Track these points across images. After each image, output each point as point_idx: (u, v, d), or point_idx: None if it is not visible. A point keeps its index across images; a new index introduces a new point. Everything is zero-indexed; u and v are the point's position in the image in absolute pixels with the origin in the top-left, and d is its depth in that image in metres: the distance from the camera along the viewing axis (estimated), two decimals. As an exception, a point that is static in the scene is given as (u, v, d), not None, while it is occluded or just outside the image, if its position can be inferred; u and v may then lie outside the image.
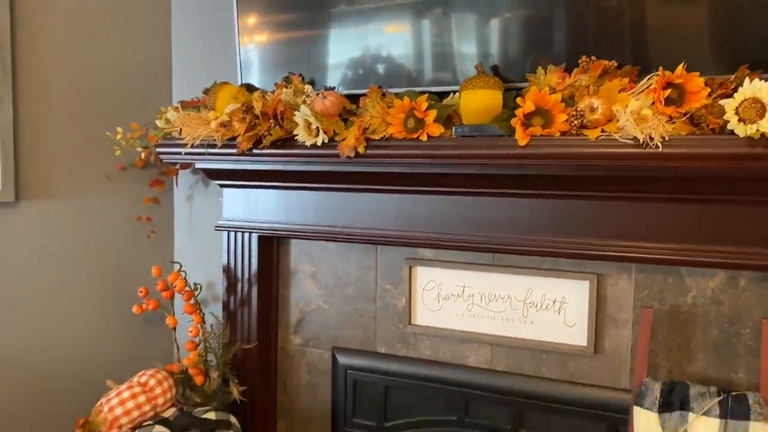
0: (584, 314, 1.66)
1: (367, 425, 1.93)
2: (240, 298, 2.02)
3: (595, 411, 1.65)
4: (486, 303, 1.77)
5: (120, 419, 1.81)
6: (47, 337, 2.10)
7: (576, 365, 1.68)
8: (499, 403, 1.76)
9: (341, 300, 1.96)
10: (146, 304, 2.02)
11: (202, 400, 1.95)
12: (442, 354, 1.84)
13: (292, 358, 2.05)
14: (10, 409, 2.08)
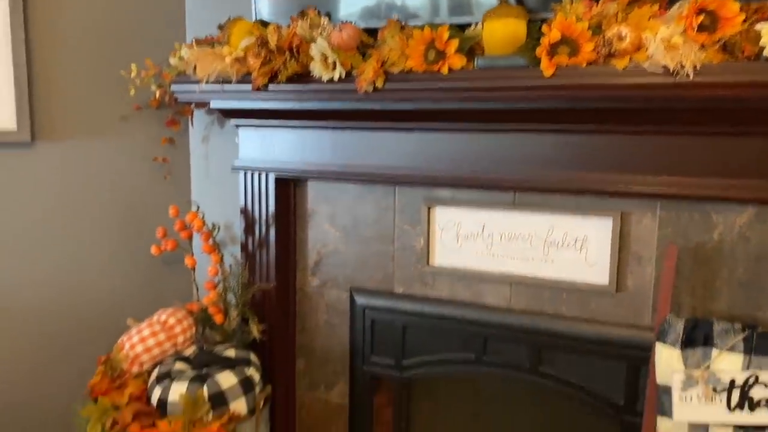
0: (606, 252, 1.63)
1: (385, 363, 1.94)
2: (258, 239, 2.01)
3: (615, 349, 1.64)
4: (506, 242, 1.75)
5: (141, 356, 1.84)
6: (67, 279, 2.12)
7: (597, 304, 1.67)
8: (517, 342, 1.76)
9: (359, 241, 1.95)
10: (164, 245, 2.02)
11: (221, 338, 1.97)
12: (460, 294, 1.83)
13: (310, 298, 2.05)
14: (33, 350, 2.12)
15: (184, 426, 1.65)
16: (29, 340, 2.11)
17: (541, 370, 1.74)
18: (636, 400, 1.64)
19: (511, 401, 1.97)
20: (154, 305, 2.03)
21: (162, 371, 1.79)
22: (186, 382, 1.72)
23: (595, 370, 1.68)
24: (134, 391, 1.78)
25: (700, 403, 1.43)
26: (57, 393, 2.13)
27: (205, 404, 1.69)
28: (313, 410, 2.09)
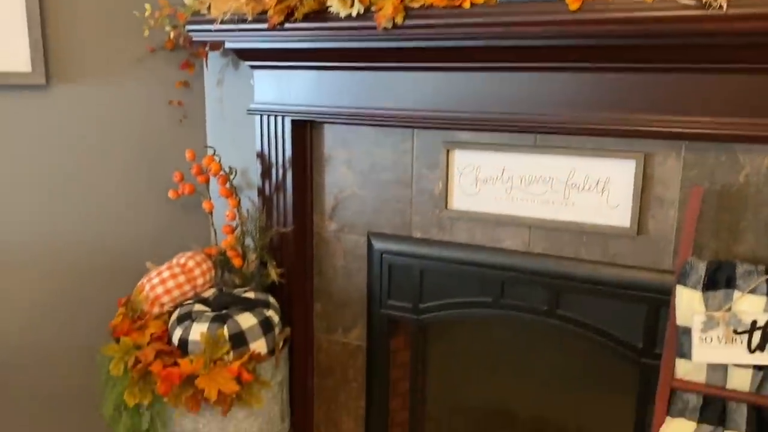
0: (628, 195, 1.61)
1: (402, 306, 1.95)
2: (275, 183, 2.01)
3: (635, 292, 1.63)
4: (526, 185, 1.73)
5: (161, 298, 1.86)
6: (84, 223, 2.14)
7: (617, 247, 1.65)
8: (535, 286, 1.75)
9: (376, 186, 1.93)
10: (182, 189, 2.02)
11: (240, 281, 1.99)
12: (478, 238, 1.82)
13: (327, 243, 2.06)
14: (54, 293, 2.15)
15: (206, 364, 1.67)
16: (50, 283, 2.14)
17: (559, 313, 1.74)
18: (655, 343, 1.64)
19: (528, 345, 1.98)
20: (173, 249, 2.04)
21: (182, 312, 1.81)
22: (206, 322, 1.74)
23: (613, 314, 1.68)
24: (155, 332, 1.80)
25: (721, 345, 1.43)
26: (78, 334, 2.17)
27: (226, 344, 1.71)
28: (331, 352, 2.11)
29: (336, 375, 2.12)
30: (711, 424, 1.48)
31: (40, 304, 2.14)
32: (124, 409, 1.77)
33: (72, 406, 2.21)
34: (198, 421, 1.76)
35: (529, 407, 2.02)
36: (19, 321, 2.13)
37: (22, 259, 2.10)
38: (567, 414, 1.96)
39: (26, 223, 2.09)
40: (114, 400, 1.77)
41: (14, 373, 2.15)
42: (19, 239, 2.09)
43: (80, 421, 2.22)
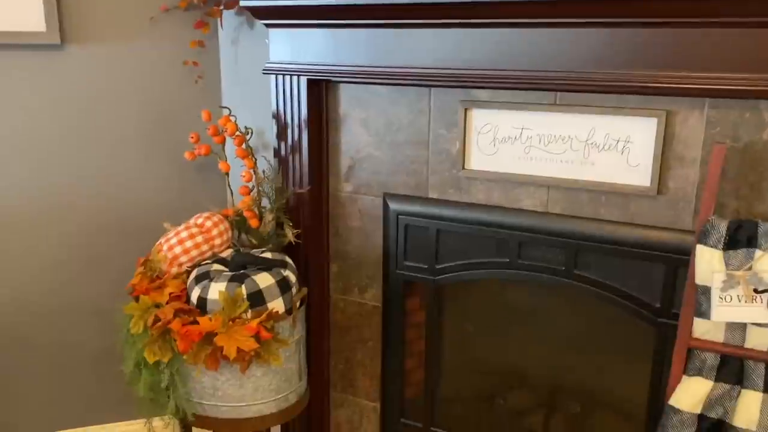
0: (650, 153, 1.59)
1: (418, 267, 1.96)
2: (290, 144, 2.00)
3: (654, 252, 1.63)
4: (545, 145, 1.71)
5: (179, 258, 1.87)
6: (100, 183, 2.15)
7: (637, 206, 1.64)
8: (553, 246, 1.75)
9: (393, 146, 1.92)
10: (197, 150, 2.02)
11: (257, 242, 2.00)
12: (495, 198, 1.81)
13: (343, 204, 2.05)
14: (72, 252, 2.17)
15: (224, 323, 1.69)
16: (68, 243, 2.16)
17: (577, 274, 1.73)
18: (672, 303, 1.64)
19: (544, 306, 1.98)
20: (189, 211, 2.05)
21: (200, 272, 1.83)
22: (225, 282, 1.75)
23: (631, 274, 1.68)
24: (174, 291, 1.82)
25: (740, 304, 1.42)
26: (97, 293, 2.20)
27: (244, 303, 1.72)
28: (347, 312, 2.13)
29: (352, 335, 2.14)
30: (728, 383, 1.48)
31: (59, 264, 2.16)
32: (144, 367, 1.80)
33: (92, 364, 2.26)
34: (217, 378, 1.78)
35: (544, 368, 2.03)
36: (39, 280, 2.16)
37: (39, 219, 2.12)
38: (582, 374, 1.97)
39: (43, 184, 2.10)
40: (134, 358, 1.80)
41: (35, 332, 2.19)
42: (37, 200, 2.10)
43: (100, 378, 2.26)
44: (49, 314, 2.19)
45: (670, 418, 1.51)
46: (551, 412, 2.03)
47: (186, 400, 1.82)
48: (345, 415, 2.22)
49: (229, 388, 1.79)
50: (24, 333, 2.18)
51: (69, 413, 2.28)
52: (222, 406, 1.81)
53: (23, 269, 2.14)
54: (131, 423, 2.33)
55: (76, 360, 2.25)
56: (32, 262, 2.14)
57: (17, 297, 2.15)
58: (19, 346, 2.18)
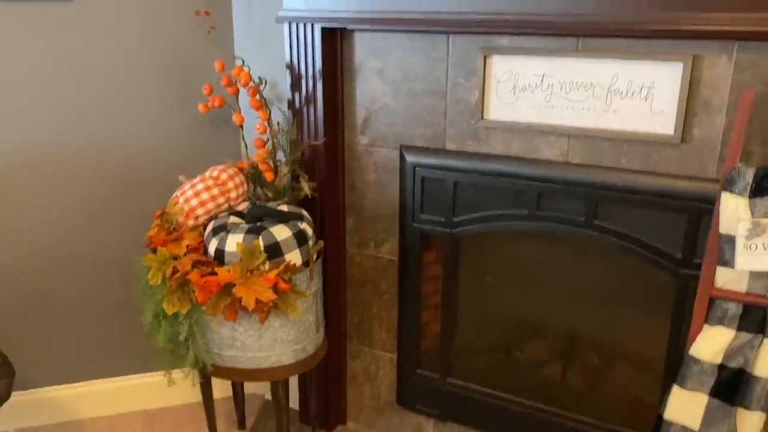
0: (674, 100, 1.55)
1: (435, 220, 1.94)
2: (305, 95, 1.97)
3: (676, 202, 1.60)
4: (566, 93, 1.67)
5: (196, 210, 1.86)
6: (113, 136, 2.13)
7: (660, 155, 1.61)
8: (573, 197, 1.72)
9: (410, 97, 1.89)
10: (211, 102, 1.99)
11: (273, 195, 1.98)
12: (515, 149, 1.78)
13: (359, 157, 2.03)
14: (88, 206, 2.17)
15: (242, 274, 1.69)
16: (83, 195, 2.16)
17: (597, 224, 1.71)
18: (694, 253, 1.62)
19: (561, 258, 1.97)
20: (203, 163, 2.03)
21: (217, 224, 1.82)
22: (242, 234, 1.75)
23: (652, 224, 1.65)
24: (191, 243, 1.82)
25: (765, 252, 1.40)
26: (113, 246, 2.21)
27: (262, 254, 1.72)
28: (363, 266, 2.13)
29: (368, 288, 2.14)
30: (750, 332, 1.46)
31: (75, 215, 2.17)
32: (163, 318, 1.81)
33: (110, 316, 2.28)
34: (236, 329, 1.80)
35: (561, 320, 2.03)
36: (56, 231, 2.16)
37: (54, 172, 2.11)
38: (600, 326, 1.97)
39: (56, 138, 2.08)
40: (153, 309, 1.81)
41: (53, 284, 2.21)
42: (51, 154, 2.09)
43: (119, 330, 2.29)
44: (65, 267, 2.20)
45: (690, 367, 1.51)
46: (569, 363, 2.03)
47: (205, 351, 1.84)
48: (361, 366, 2.24)
49: (248, 339, 1.81)
50: (42, 285, 2.20)
51: (89, 365, 2.32)
52: (241, 357, 1.83)
53: (41, 222, 2.15)
54: (150, 375, 2.36)
55: (94, 312, 2.27)
56: (49, 214, 2.15)
57: (34, 249, 2.16)
58: (37, 299, 2.20)
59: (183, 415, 2.39)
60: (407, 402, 2.17)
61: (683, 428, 1.53)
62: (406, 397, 2.17)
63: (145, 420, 2.36)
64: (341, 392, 2.29)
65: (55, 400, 2.31)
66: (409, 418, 2.20)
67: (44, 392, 2.30)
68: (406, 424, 2.21)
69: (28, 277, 2.18)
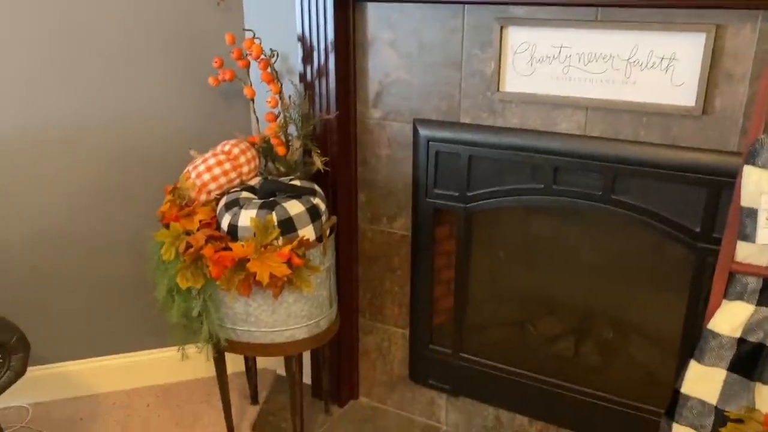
0: (696, 71, 1.52)
1: (448, 195, 1.92)
2: (317, 68, 1.94)
3: (696, 175, 1.58)
4: (584, 64, 1.64)
5: (208, 185, 1.84)
6: (123, 111, 2.11)
7: (680, 128, 1.58)
8: (590, 170, 1.70)
9: (423, 69, 1.85)
10: (222, 75, 1.96)
11: (285, 170, 1.97)
12: (531, 122, 1.75)
13: (371, 131, 2.01)
14: (98, 181, 2.16)
15: (256, 249, 1.68)
16: (94, 171, 2.14)
17: (614, 199, 1.69)
18: (713, 228, 1.60)
19: (577, 232, 1.96)
20: (213, 138, 2.01)
21: (230, 199, 1.81)
22: (255, 209, 1.73)
23: (671, 198, 1.63)
24: (203, 218, 1.80)
25: (788, 226, 1.38)
26: (124, 222, 2.20)
27: (275, 229, 1.71)
28: (375, 242, 2.12)
29: (380, 264, 2.13)
30: (770, 306, 1.46)
31: (85, 191, 2.15)
32: (176, 293, 1.81)
33: (123, 292, 2.28)
34: (249, 304, 1.79)
35: (575, 295, 2.02)
36: (66, 208, 2.15)
37: (63, 148, 2.09)
38: (615, 301, 1.96)
39: (63, 114, 2.06)
40: (166, 285, 1.81)
41: (65, 260, 2.20)
42: (60, 129, 2.07)
43: (131, 305, 2.29)
44: (77, 244, 2.19)
45: (709, 342, 1.50)
46: (582, 338, 2.03)
47: (219, 326, 1.84)
48: (374, 341, 2.24)
49: (262, 314, 1.80)
50: (55, 262, 2.19)
51: (101, 340, 2.32)
52: (255, 332, 1.83)
53: (51, 200, 2.13)
54: (162, 350, 2.37)
55: (107, 288, 2.27)
56: (60, 192, 2.13)
57: (46, 227, 2.15)
58: (51, 275, 2.20)
59: (195, 389, 2.40)
60: (419, 377, 2.18)
61: (701, 402, 1.53)
62: (418, 373, 2.17)
63: (157, 394, 2.37)
64: (353, 367, 2.29)
65: (68, 376, 2.32)
66: (422, 393, 2.20)
67: (58, 368, 2.30)
68: (418, 399, 2.22)
69: (42, 254, 2.17)
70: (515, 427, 2.06)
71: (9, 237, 2.13)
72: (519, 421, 2.05)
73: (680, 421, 1.57)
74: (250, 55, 1.89)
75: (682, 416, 1.56)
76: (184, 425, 2.22)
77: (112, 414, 2.27)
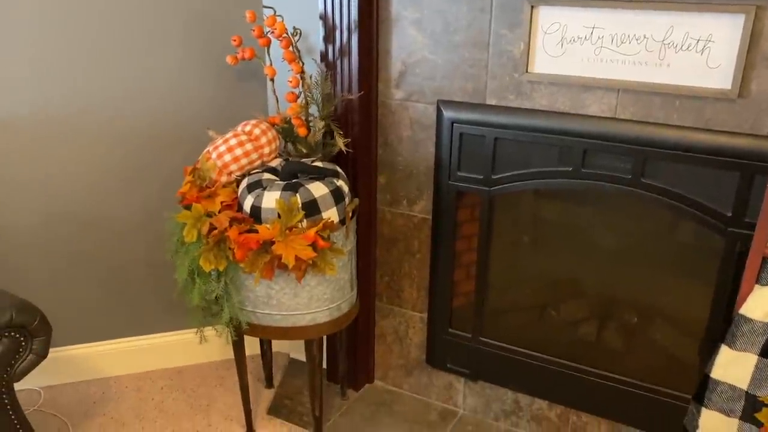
0: (733, 53, 1.49)
1: (473, 178, 1.90)
2: (339, 47, 1.90)
3: (729, 159, 1.56)
4: (617, 45, 1.61)
5: (229, 166, 1.81)
6: (140, 91, 2.06)
7: (713, 111, 1.56)
8: (620, 153, 1.68)
9: (449, 49, 1.82)
10: (241, 54, 1.92)
11: (306, 151, 1.93)
12: (560, 104, 1.73)
13: (393, 113, 1.97)
14: (116, 162, 2.11)
15: (282, 231, 1.65)
16: (112, 152, 2.10)
17: (644, 182, 1.67)
18: (744, 213, 1.58)
19: (604, 216, 1.94)
20: (231, 119, 1.98)
21: (251, 180, 1.77)
22: (278, 190, 1.70)
23: (702, 182, 1.62)
24: (225, 200, 1.77)
25: (826, 210, 1.37)
26: (142, 204, 2.16)
27: (300, 212, 1.68)
28: (395, 225, 2.09)
29: (399, 247, 2.11)
30: (803, 291, 1.45)
31: (101, 172, 2.11)
32: (198, 276, 1.78)
33: (140, 274, 2.25)
34: (271, 287, 1.77)
35: (599, 280, 2.01)
36: (81, 189, 2.11)
37: (81, 129, 2.05)
38: (640, 286, 1.95)
39: (79, 95, 2.01)
40: (188, 267, 1.78)
41: (81, 242, 2.16)
42: (78, 110, 2.02)
43: (144, 288, 2.26)
44: (93, 226, 2.15)
45: (740, 327, 1.49)
46: (605, 323, 2.02)
47: (239, 309, 1.81)
48: (391, 325, 2.22)
49: (283, 297, 1.78)
50: (71, 245, 2.15)
51: (113, 324, 2.29)
52: (276, 315, 1.81)
53: (68, 183, 2.09)
54: (176, 333, 2.35)
55: (124, 270, 2.23)
56: (76, 174, 2.09)
57: (63, 210, 2.11)
58: (66, 258, 2.16)
59: (209, 372, 2.38)
60: (437, 361, 2.17)
61: (731, 387, 1.52)
62: (436, 357, 2.16)
63: (171, 377, 2.35)
64: (370, 351, 2.28)
65: (79, 359, 2.29)
66: (439, 377, 2.19)
67: (69, 350, 2.27)
68: (435, 383, 2.21)
69: (58, 237, 2.13)
70: (534, 411, 2.06)
71: (24, 220, 2.09)
72: (538, 405, 2.05)
73: (709, 406, 1.56)
74: (272, 33, 1.84)
75: (712, 401, 1.56)
76: (199, 408, 2.20)
77: (125, 397, 2.25)
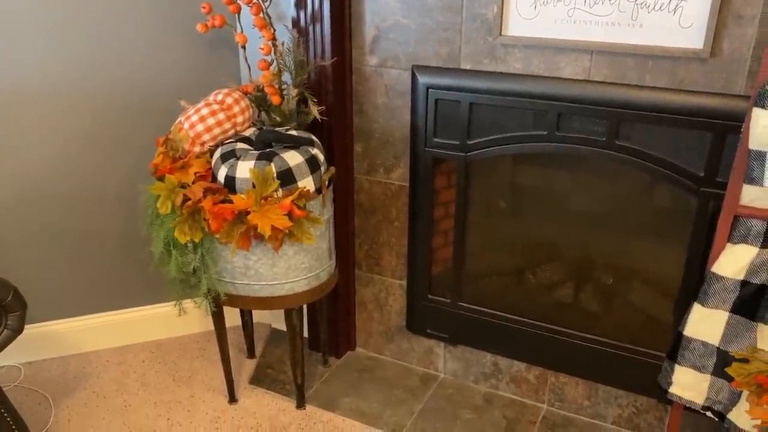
0: (705, 12, 1.49)
1: (449, 144, 1.89)
2: (310, 13, 1.86)
3: (701, 119, 1.57)
4: (590, 6, 1.60)
5: (202, 136, 1.78)
6: (108, 60, 2.01)
7: (686, 71, 1.56)
8: (593, 116, 1.68)
9: (422, 13, 1.80)
10: (211, 21, 1.88)
11: (280, 119, 1.91)
12: (534, 67, 1.72)
13: (368, 79, 1.95)
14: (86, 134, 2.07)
15: (257, 201, 1.64)
16: (81, 126, 2.06)
17: (618, 144, 1.68)
18: (716, 172, 1.60)
19: (578, 180, 1.95)
20: (203, 88, 1.94)
21: (225, 150, 1.75)
22: (253, 160, 1.68)
23: (675, 143, 1.63)
24: (199, 170, 1.75)
25: (795, 168, 1.39)
26: (115, 177, 2.13)
27: (275, 181, 1.66)
28: (372, 193, 2.08)
29: (378, 215, 2.11)
30: (774, 249, 1.47)
31: (72, 144, 2.07)
32: (173, 247, 1.76)
33: (114, 248, 2.22)
34: (249, 258, 1.76)
35: (575, 243, 2.02)
36: (53, 162, 2.07)
37: (51, 100, 2.00)
38: (615, 247, 1.97)
39: (56, 64, 1.96)
40: (163, 239, 1.76)
41: (55, 216, 2.13)
42: (47, 80, 1.97)
43: (122, 261, 2.24)
44: (67, 200, 2.12)
45: (712, 285, 1.52)
46: (582, 285, 2.04)
47: (217, 280, 1.81)
48: (371, 293, 2.23)
49: (261, 267, 1.78)
50: (45, 219, 2.12)
51: (93, 298, 2.28)
52: (254, 285, 1.80)
53: (40, 156, 2.05)
54: (156, 306, 2.34)
55: (99, 244, 2.21)
56: (48, 147, 2.05)
57: (36, 184, 2.07)
58: (41, 233, 2.13)
59: (189, 344, 2.39)
60: (417, 327, 2.18)
61: (703, 344, 1.56)
62: (416, 322, 2.18)
63: (152, 350, 2.35)
64: (350, 319, 2.29)
65: (59, 334, 2.28)
66: (419, 342, 2.22)
67: (48, 326, 2.26)
68: (415, 349, 2.23)
69: (31, 211, 2.10)
70: (513, 373, 2.09)
71: (-8, 193, 2.05)
72: (517, 367, 2.08)
73: (682, 363, 1.60)
74: (242, 0, 1.80)
75: (684, 358, 1.59)
76: (182, 380, 2.21)
77: (107, 371, 2.25)
